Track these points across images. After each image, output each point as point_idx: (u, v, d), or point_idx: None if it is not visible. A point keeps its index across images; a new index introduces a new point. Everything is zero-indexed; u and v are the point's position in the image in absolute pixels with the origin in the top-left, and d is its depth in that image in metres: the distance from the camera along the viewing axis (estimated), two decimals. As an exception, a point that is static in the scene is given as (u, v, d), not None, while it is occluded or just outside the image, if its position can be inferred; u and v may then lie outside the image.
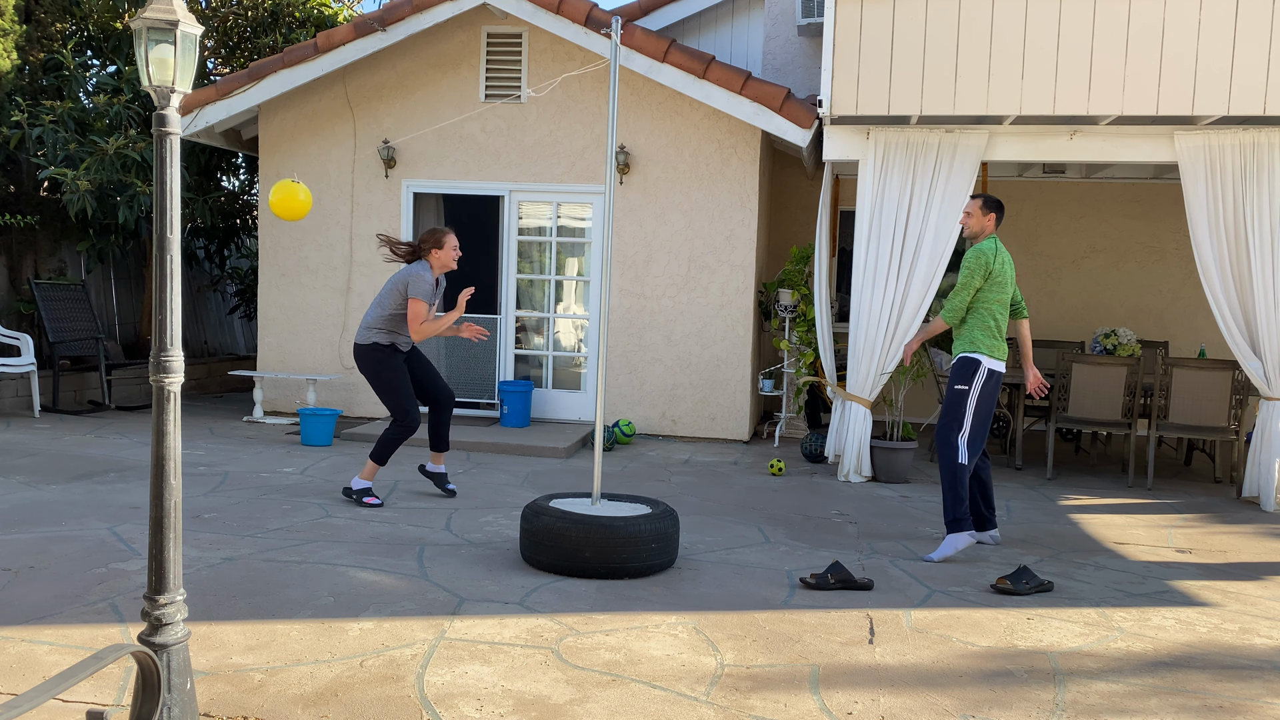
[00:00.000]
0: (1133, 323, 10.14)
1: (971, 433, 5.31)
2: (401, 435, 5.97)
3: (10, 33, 9.17)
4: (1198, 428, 7.29)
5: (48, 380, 9.50)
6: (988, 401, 5.32)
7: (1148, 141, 7.09)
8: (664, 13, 10.13)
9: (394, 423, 5.94)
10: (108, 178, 9.07)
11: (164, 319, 2.78)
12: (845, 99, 7.07)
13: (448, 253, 5.94)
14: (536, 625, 4.00)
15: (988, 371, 5.31)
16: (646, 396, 8.90)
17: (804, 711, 3.29)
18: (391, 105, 9.10)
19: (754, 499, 6.55)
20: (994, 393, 5.34)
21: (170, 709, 2.73)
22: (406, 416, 5.92)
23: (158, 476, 2.80)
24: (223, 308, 12.75)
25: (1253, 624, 4.37)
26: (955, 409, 5.34)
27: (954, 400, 5.36)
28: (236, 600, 4.15)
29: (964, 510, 5.24)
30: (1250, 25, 6.67)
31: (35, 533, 5.05)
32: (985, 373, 5.30)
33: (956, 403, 5.34)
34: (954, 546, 5.22)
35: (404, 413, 5.91)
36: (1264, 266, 6.89)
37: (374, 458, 5.97)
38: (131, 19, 3.58)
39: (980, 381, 5.31)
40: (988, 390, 5.32)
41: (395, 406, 5.91)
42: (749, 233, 8.67)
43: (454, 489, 6.33)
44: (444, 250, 5.93)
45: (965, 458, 5.29)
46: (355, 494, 5.99)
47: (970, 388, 5.31)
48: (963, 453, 5.29)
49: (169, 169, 2.77)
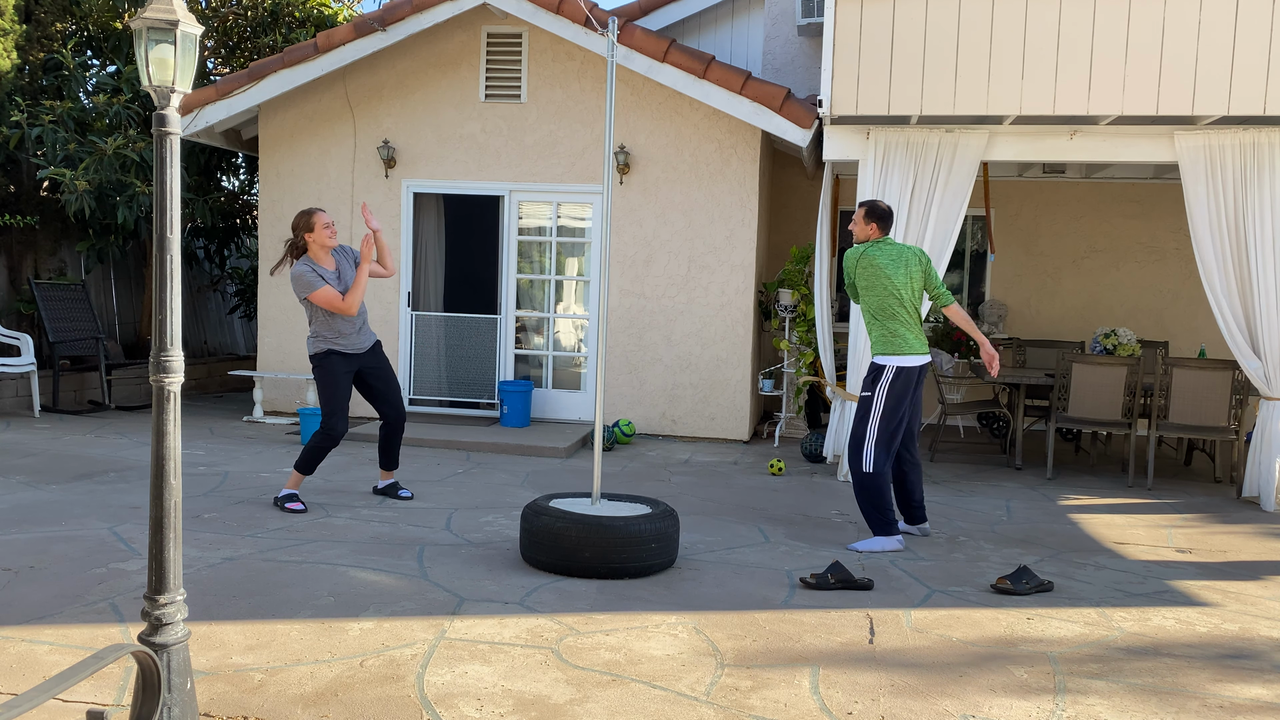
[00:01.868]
0: (1133, 323, 10.14)
1: (881, 437, 5.32)
2: (323, 445, 5.74)
3: (10, 32, 9.16)
4: (1198, 428, 7.29)
5: (48, 380, 9.50)
6: (898, 400, 5.32)
7: (1148, 141, 7.09)
8: (664, 13, 10.13)
9: (318, 430, 5.76)
10: (106, 178, 9.07)
11: (164, 319, 2.78)
12: (845, 99, 7.07)
13: (319, 232, 5.64)
14: (536, 625, 4.00)
15: (895, 370, 5.33)
16: (646, 396, 8.90)
17: (804, 711, 3.29)
18: (391, 105, 9.10)
19: (754, 499, 6.55)
20: (905, 390, 5.33)
21: (170, 709, 2.73)
22: (328, 426, 5.71)
23: (158, 476, 2.80)
24: (223, 308, 12.75)
25: (1253, 624, 4.37)
26: (860, 417, 5.40)
27: (860, 408, 5.42)
28: (236, 600, 4.15)
29: (890, 517, 5.34)
30: (1250, 25, 6.67)
31: (35, 533, 5.05)
32: (893, 372, 5.33)
33: (862, 410, 5.40)
34: (881, 546, 5.33)
35: (326, 422, 5.71)
36: (1264, 266, 6.89)
37: (298, 467, 5.78)
38: (131, 19, 3.58)
39: (887, 384, 5.33)
40: (896, 390, 5.32)
41: (323, 414, 5.75)
42: (749, 233, 8.66)
43: (409, 494, 6.17)
44: (315, 231, 5.64)
45: (872, 465, 5.31)
46: (279, 500, 5.79)
47: (874, 393, 5.36)
48: (868, 461, 5.32)
49: (169, 169, 2.77)
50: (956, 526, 5.99)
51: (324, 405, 5.74)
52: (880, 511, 5.33)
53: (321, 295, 5.58)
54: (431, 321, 9.19)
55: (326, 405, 5.73)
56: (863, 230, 5.53)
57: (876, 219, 5.50)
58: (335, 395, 5.72)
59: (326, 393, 5.74)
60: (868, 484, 5.32)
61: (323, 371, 5.74)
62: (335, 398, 5.72)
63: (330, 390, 5.73)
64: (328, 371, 5.73)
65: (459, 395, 9.20)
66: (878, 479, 5.30)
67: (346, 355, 5.79)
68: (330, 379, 5.73)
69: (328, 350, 5.74)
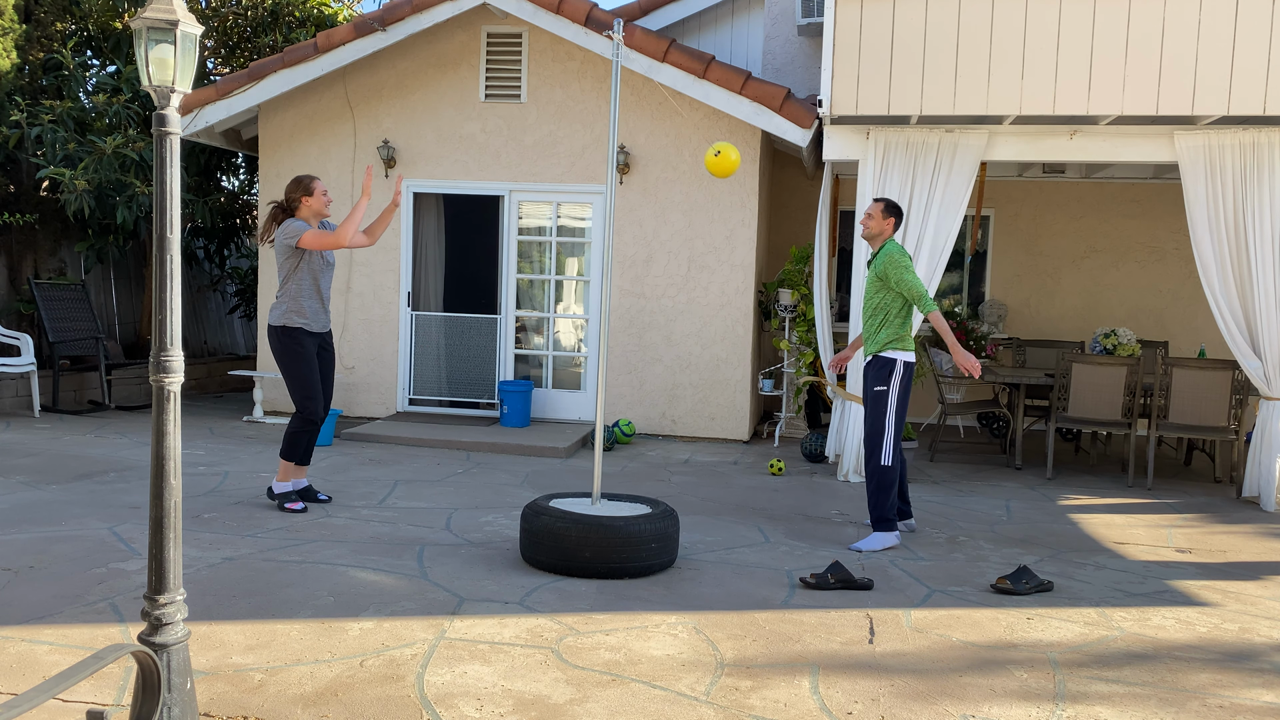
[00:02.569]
0: (1133, 323, 10.14)
1: (896, 431, 5.41)
2: (304, 429, 5.65)
3: (10, 32, 9.16)
4: (1198, 428, 7.29)
5: (48, 380, 9.50)
6: (907, 394, 5.45)
7: (1148, 141, 7.09)
8: (664, 13, 10.13)
9: (295, 414, 5.66)
10: (106, 178, 9.07)
11: (164, 319, 2.78)
12: (845, 99, 7.07)
13: (318, 199, 5.57)
14: (536, 625, 4.00)
15: (904, 365, 5.42)
16: (646, 396, 8.90)
17: (804, 711, 3.29)
18: (391, 105, 9.09)
19: (754, 499, 6.55)
20: (910, 384, 5.47)
21: (170, 709, 2.73)
22: (309, 411, 5.61)
23: (158, 476, 2.80)
24: (223, 308, 12.75)
25: (1252, 624, 4.37)
26: (878, 412, 5.42)
27: (875, 403, 5.44)
28: (236, 600, 4.15)
29: (894, 514, 5.40)
30: (1250, 25, 6.67)
31: (35, 533, 5.05)
32: (903, 367, 5.42)
33: (878, 405, 5.43)
34: (883, 543, 5.38)
35: (307, 406, 5.59)
36: (1264, 266, 6.89)
37: (284, 455, 5.70)
38: (131, 19, 3.58)
39: (899, 378, 5.41)
40: (905, 385, 5.43)
41: (298, 398, 5.61)
42: (749, 233, 8.66)
43: (326, 497, 5.93)
44: (314, 197, 5.57)
45: (890, 458, 5.40)
46: (276, 498, 5.73)
47: (889, 388, 5.42)
48: (887, 454, 5.40)
49: (169, 169, 2.77)
50: (956, 526, 5.99)
51: (299, 388, 5.57)
52: (889, 506, 5.39)
53: (310, 236, 5.41)
54: (431, 321, 9.19)
55: (302, 388, 5.57)
56: (880, 225, 5.54)
57: (896, 215, 5.56)
58: (311, 377, 5.60)
59: (300, 374, 5.57)
60: (886, 478, 5.38)
61: (293, 350, 5.57)
62: (311, 379, 5.59)
63: (306, 371, 5.58)
64: (299, 350, 5.57)
65: (459, 395, 9.20)
66: (894, 472, 5.40)
67: (311, 334, 5.66)
68: (304, 359, 5.58)
69: (300, 326, 5.59)
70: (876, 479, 5.40)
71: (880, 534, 5.40)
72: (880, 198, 5.62)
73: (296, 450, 5.69)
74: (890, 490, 5.38)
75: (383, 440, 8.13)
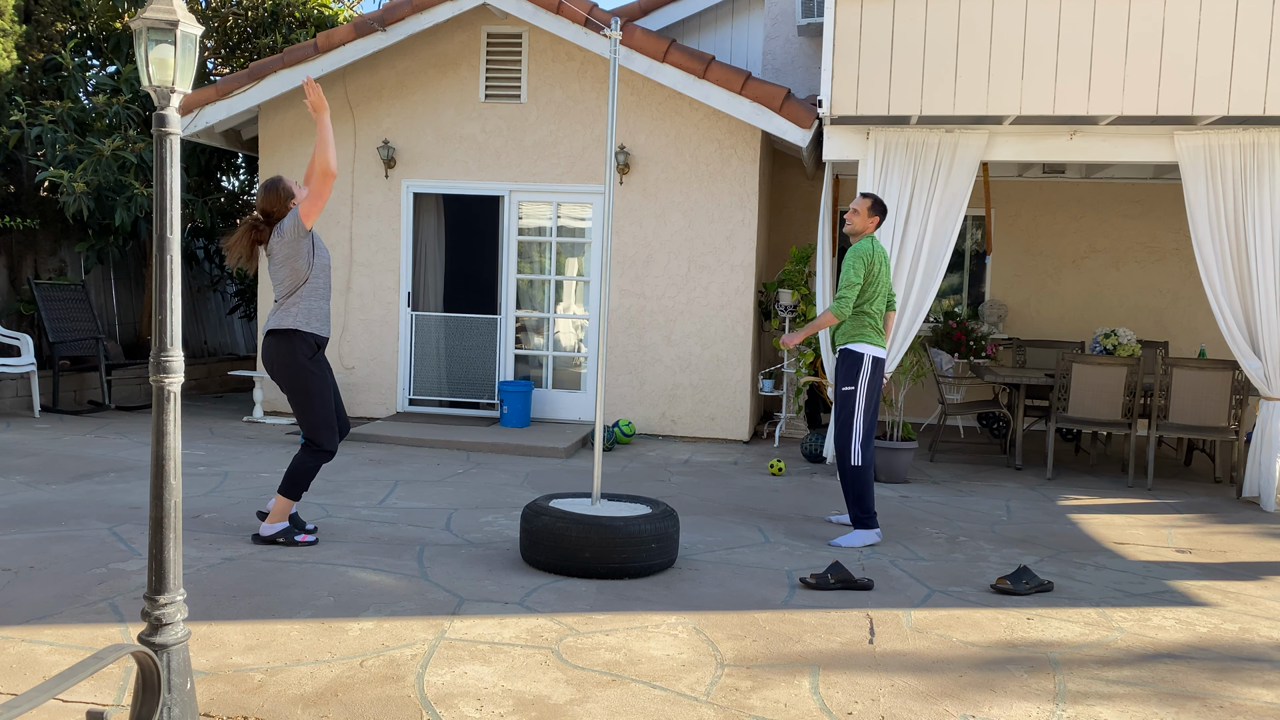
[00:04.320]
0: (1133, 323, 10.14)
1: (865, 429, 5.42)
2: (316, 464, 4.88)
3: (10, 33, 9.16)
4: (1198, 428, 7.29)
5: (48, 380, 9.50)
6: (875, 391, 5.44)
7: (1148, 141, 7.09)
8: (664, 13, 10.13)
9: (305, 445, 4.87)
10: (104, 179, 9.07)
11: (164, 319, 2.78)
12: (845, 99, 7.07)
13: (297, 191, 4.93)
14: (536, 625, 4.00)
15: (873, 360, 5.42)
16: (646, 396, 8.90)
17: (804, 712, 3.29)
18: (391, 105, 9.09)
19: (754, 499, 6.55)
20: (879, 380, 5.45)
21: (170, 709, 2.72)
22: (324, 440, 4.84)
23: (158, 476, 2.80)
24: (223, 308, 12.75)
25: (1252, 624, 4.37)
26: (846, 412, 5.43)
27: (843, 402, 5.44)
28: (236, 600, 4.15)
29: (872, 510, 5.42)
30: (1250, 25, 6.67)
31: (35, 533, 5.05)
32: (871, 363, 5.42)
33: (846, 405, 5.43)
34: (862, 540, 5.40)
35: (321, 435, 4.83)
36: (1264, 266, 6.89)
37: (284, 492, 4.89)
38: (131, 19, 3.58)
39: (867, 374, 5.42)
40: (874, 383, 5.43)
41: (310, 425, 4.81)
42: (749, 233, 8.66)
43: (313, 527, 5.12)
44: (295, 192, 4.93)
45: (860, 458, 5.40)
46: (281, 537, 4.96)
47: (856, 387, 5.43)
48: (856, 454, 5.41)
49: (169, 169, 2.77)
50: (956, 526, 5.99)
51: (313, 412, 4.80)
52: (865, 503, 5.42)
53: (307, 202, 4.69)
54: (431, 321, 9.19)
55: (316, 412, 4.80)
56: (864, 221, 5.54)
57: (880, 213, 5.56)
58: (325, 396, 4.82)
59: (313, 393, 4.79)
60: (858, 477, 5.41)
61: (301, 366, 4.77)
62: (325, 401, 4.82)
63: (319, 389, 4.80)
64: (309, 368, 4.79)
65: (459, 395, 9.20)
66: (866, 471, 5.41)
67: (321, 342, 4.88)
68: (315, 376, 4.80)
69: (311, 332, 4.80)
70: (849, 480, 5.43)
71: (861, 531, 5.43)
72: (868, 193, 5.59)
73: (300, 488, 4.90)
74: (866, 488, 5.41)
75: (383, 440, 8.13)
